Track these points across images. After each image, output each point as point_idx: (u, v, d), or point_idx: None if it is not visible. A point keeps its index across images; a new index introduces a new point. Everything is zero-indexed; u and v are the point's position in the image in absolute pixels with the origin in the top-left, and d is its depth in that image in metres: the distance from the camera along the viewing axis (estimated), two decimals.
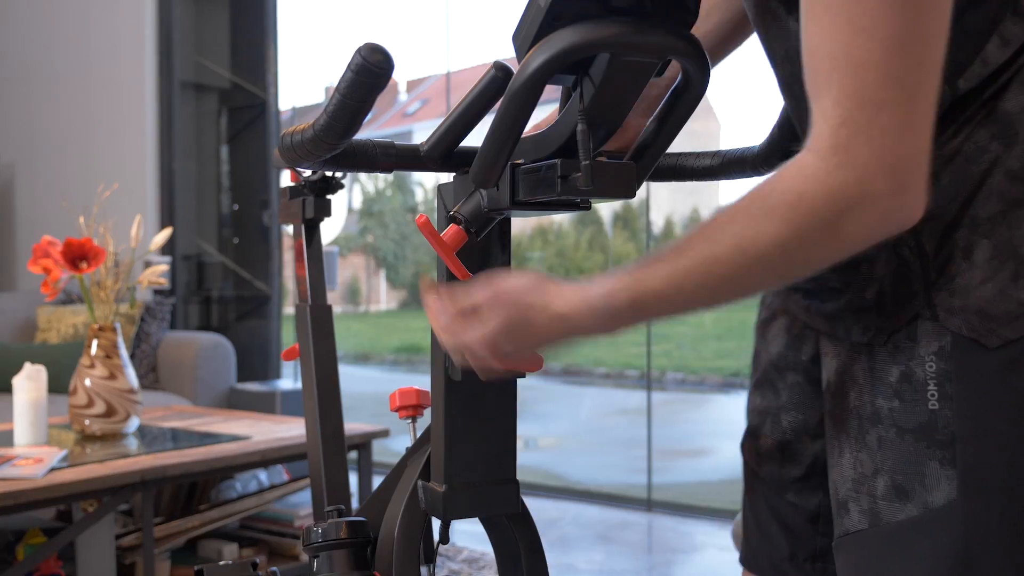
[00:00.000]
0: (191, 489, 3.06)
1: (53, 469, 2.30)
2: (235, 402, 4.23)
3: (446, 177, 1.07)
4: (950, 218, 0.89)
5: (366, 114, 0.82)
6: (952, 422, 0.89)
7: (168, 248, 4.87)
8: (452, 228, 0.97)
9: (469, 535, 3.40)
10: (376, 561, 1.14)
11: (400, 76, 18.68)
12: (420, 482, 1.09)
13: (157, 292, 4.51)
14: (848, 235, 0.80)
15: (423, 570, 1.18)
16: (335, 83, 0.85)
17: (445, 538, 1.13)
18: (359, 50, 0.79)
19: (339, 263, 15.47)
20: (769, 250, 0.81)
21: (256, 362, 4.96)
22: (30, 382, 2.63)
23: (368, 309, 17.03)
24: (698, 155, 1.07)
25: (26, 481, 2.19)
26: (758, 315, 1.17)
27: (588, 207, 0.96)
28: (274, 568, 1.42)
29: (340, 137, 0.84)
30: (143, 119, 4.87)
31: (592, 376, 9.91)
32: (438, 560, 3.19)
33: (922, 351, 0.90)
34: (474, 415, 1.05)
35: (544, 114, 1.04)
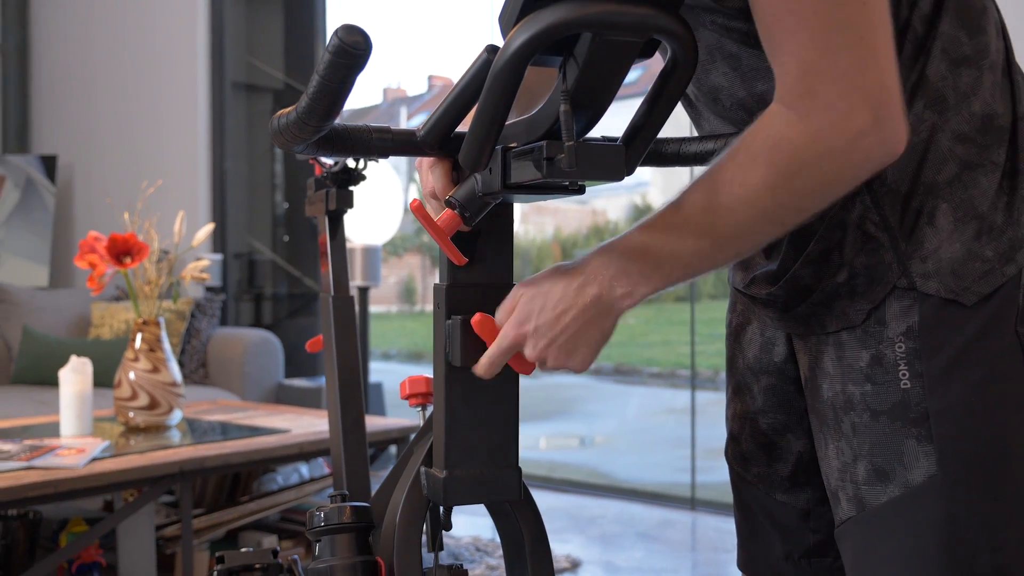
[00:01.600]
0: (234, 482, 3.10)
1: (95, 459, 2.35)
2: (283, 397, 4.28)
3: None
4: (906, 188, 0.91)
5: (347, 95, 0.83)
6: (924, 398, 0.90)
7: (219, 246, 4.95)
8: (446, 212, 0.97)
9: None
10: (379, 547, 1.14)
11: (456, 76, 18.73)
12: (422, 468, 1.09)
13: (208, 289, 4.59)
14: (834, 175, 0.83)
15: (428, 557, 1.18)
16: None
17: (447, 524, 1.13)
18: (336, 31, 0.79)
19: (395, 263, 15.58)
20: (759, 193, 0.84)
21: (305, 358, 5.02)
22: (76, 375, 2.68)
23: (423, 308, 17.14)
24: (701, 139, 1.05)
25: (67, 470, 2.24)
26: (729, 322, 1.18)
27: (581, 191, 0.95)
28: (295, 556, 1.43)
29: (322, 119, 0.84)
30: (196, 119, 4.95)
31: (643, 375, 9.86)
32: (486, 555, 3.19)
33: (891, 333, 0.92)
34: (475, 401, 1.05)
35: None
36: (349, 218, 4.59)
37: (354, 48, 0.79)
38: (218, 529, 2.83)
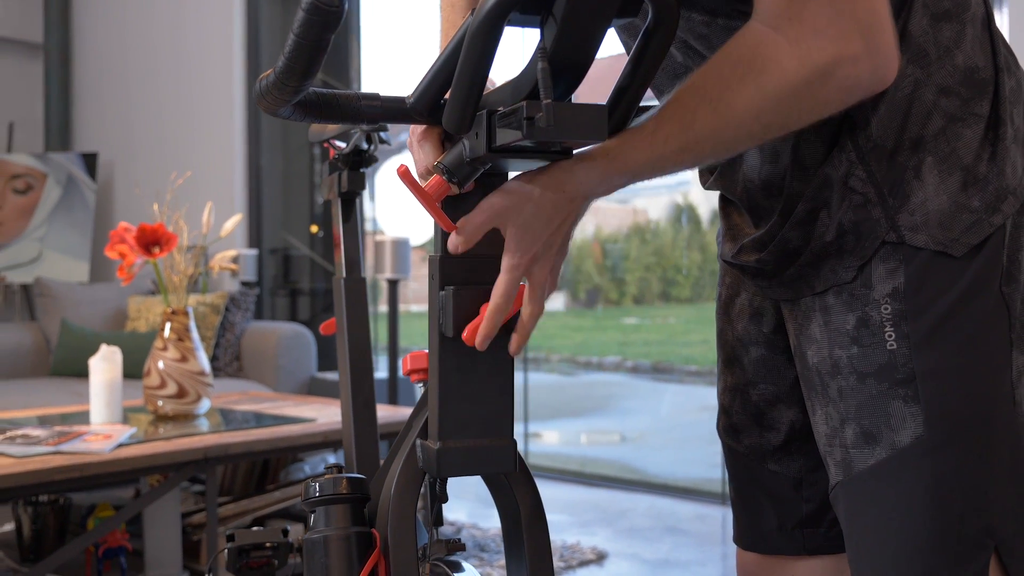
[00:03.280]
0: (263, 471, 3.12)
1: (121, 445, 2.38)
2: (315, 390, 4.31)
3: None
4: (892, 144, 0.91)
5: (323, 53, 0.82)
6: (911, 359, 0.89)
7: (255, 241, 4.99)
8: (434, 178, 0.97)
9: None
10: (376, 520, 1.14)
11: (495, 76, 18.80)
12: (418, 440, 1.09)
13: (243, 283, 4.63)
14: (822, 99, 0.83)
15: (425, 532, 1.18)
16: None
17: (443, 496, 1.12)
18: None
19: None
20: (745, 116, 0.83)
21: None
22: (105, 363, 2.72)
23: None
24: None
25: (93, 455, 2.27)
26: (719, 295, 1.17)
27: (568, 154, 0.94)
28: (306, 536, 1.43)
29: (301, 79, 0.84)
30: (232, 116, 5.00)
31: (680, 374, 9.81)
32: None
33: (876, 295, 0.91)
34: (469, 372, 1.05)
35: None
36: (387, 211, 4.56)
37: (328, 5, 0.79)
38: (244, 516, 2.86)
